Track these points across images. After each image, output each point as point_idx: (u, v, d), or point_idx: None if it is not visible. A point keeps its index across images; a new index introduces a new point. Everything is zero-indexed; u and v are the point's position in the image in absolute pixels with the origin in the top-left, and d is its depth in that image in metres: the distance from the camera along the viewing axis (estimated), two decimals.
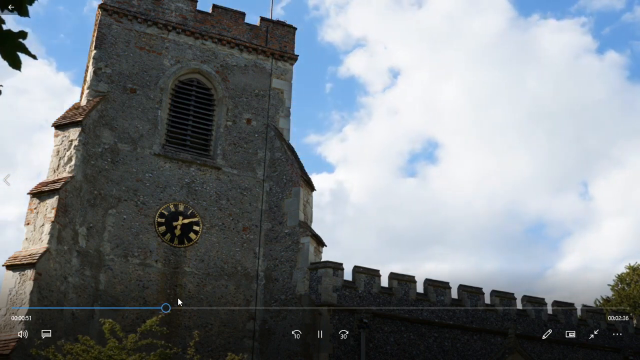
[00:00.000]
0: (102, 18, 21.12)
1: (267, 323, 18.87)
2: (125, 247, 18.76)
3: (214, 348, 18.34)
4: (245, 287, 19.53)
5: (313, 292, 18.43)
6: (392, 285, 19.20)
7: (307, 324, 17.90)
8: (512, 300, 20.49)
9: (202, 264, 19.41)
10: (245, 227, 20.21)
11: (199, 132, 21.36)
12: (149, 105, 20.65)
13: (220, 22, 22.48)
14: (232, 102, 21.70)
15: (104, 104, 19.92)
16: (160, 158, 20.15)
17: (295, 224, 19.63)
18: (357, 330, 17.99)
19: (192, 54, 21.84)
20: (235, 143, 21.22)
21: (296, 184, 20.26)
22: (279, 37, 23.08)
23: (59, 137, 18.91)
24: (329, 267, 18.63)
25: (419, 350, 18.54)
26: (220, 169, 20.68)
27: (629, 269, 33.40)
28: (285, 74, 22.77)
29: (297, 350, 17.71)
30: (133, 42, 21.18)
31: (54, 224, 16.97)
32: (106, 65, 20.56)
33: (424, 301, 19.29)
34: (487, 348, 19.28)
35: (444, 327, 19.12)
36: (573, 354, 20.37)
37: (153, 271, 18.82)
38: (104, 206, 18.87)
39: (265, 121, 21.77)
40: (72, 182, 17.97)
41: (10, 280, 16.19)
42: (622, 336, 21.47)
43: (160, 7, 21.87)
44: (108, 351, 13.51)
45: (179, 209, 19.73)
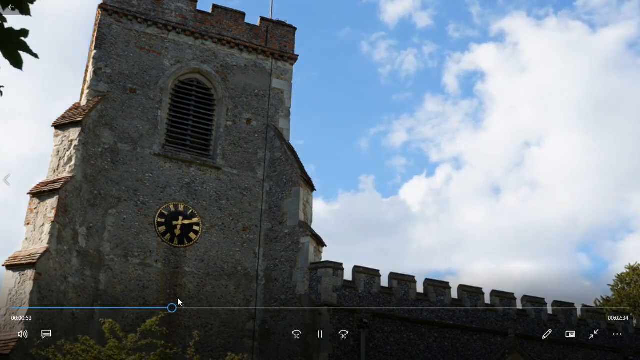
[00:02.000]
0: (102, 18, 21.10)
1: (267, 323, 18.86)
2: (125, 247, 18.75)
3: (214, 348, 18.33)
4: (245, 287, 19.52)
5: (313, 292, 18.42)
6: (392, 285, 19.19)
7: (307, 324, 17.88)
8: (512, 300, 20.48)
9: (202, 264, 19.40)
10: (245, 227, 20.20)
11: (199, 132, 21.35)
12: (149, 105, 20.64)
13: (220, 22, 22.47)
14: (232, 102, 21.69)
15: (104, 104, 19.91)
16: (160, 158, 20.14)
17: (295, 224, 19.62)
18: (357, 330, 17.98)
19: (192, 54, 21.83)
20: (235, 143, 21.20)
21: (296, 184, 20.25)
22: (279, 37, 23.08)
23: (59, 137, 18.89)
24: (329, 267, 18.62)
25: (419, 350, 18.53)
26: (220, 169, 20.67)
27: (629, 269, 33.32)
28: (285, 74, 22.76)
29: (297, 350, 17.70)
30: (133, 42, 21.17)
31: (54, 224, 16.96)
32: (106, 65, 20.55)
33: (424, 301, 19.27)
34: (487, 348, 19.27)
35: (444, 327, 19.10)
36: (573, 354, 20.35)
37: (153, 271, 18.81)
38: (104, 206, 18.86)
39: (265, 121, 21.76)
40: (72, 182, 17.95)
41: (10, 280, 16.17)
42: (622, 336, 21.45)
43: (160, 7, 21.86)
44: (108, 351, 13.50)
45: (179, 209, 19.72)
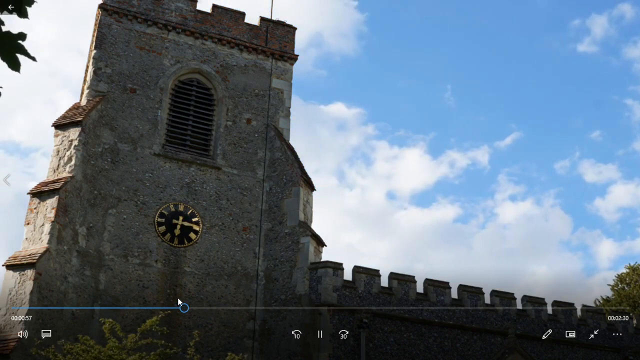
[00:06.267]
0: (102, 18, 21.11)
1: (267, 323, 18.87)
2: (125, 247, 18.76)
3: (214, 348, 18.34)
4: (245, 287, 19.53)
5: (313, 292, 18.43)
6: (392, 285, 19.19)
7: (307, 324, 17.89)
8: (512, 300, 20.47)
9: (202, 264, 19.41)
10: (245, 227, 20.21)
11: (199, 132, 21.35)
12: (149, 105, 20.64)
13: (220, 22, 22.47)
14: (232, 102, 21.69)
15: (104, 104, 19.91)
16: (160, 158, 20.14)
17: (295, 224, 19.62)
18: (357, 330, 17.99)
19: (192, 54, 21.83)
20: (235, 143, 21.21)
21: (296, 184, 20.25)
22: (279, 37, 23.08)
23: (59, 137, 18.90)
24: (329, 267, 18.62)
25: (419, 350, 18.54)
26: (220, 169, 20.67)
27: (629, 269, 33.28)
28: (285, 74, 22.76)
29: (297, 350, 17.71)
30: (133, 42, 21.18)
31: (54, 224, 16.97)
32: (106, 65, 20.55)
33: (424, 301, 19.28)
34: (487, 348, 19.27)
35: (444, 327, 19.11)
36: (573, 354, 20.36)
37: (153, 271, 18.82)
38: (104, 206, 18.87)
39: (265, 121, 21.76)
40: (72, 182, 17.96)
41: (10, 280, 16.19)
42: (622, 336, 21.45)
43: (160, 7, 21.86)
44: (108, 351, 13.52)
45: (179, 208, 19.73)
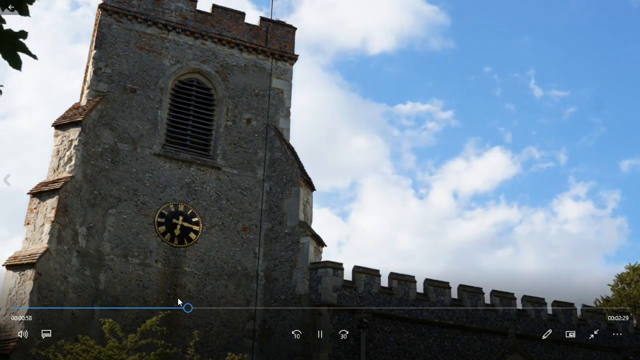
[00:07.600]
0: (102, 18, 21.10)
1: (267, 323, 18.86)
2: (125, 247, 18.75)
3: (214, 348, 18.33)
4: (245, 287, 19.52)
5: (313, 292, 18.42)
6: (392, 285, 19.18)
7: (307, 324, 17.89)
8: (512, 300, 20.47)
9: (202, 264, 19.40)
10: (245, 227, 20.20)
11: (199, 132, 21.35)
12: (149, 105, 20.64)
13: (220, 22, 22.47)
14: (232, 102, 21.69)
15: (104, 104, 19.91)
16: (160, 158, 20.14)
17: (295, 224, 19.61)
18: (357, 330, 17.98)
19: (192, 54, 21.82)
20: (235, 143, 21.20)
21: (296, 184, 20.25)
22: (279, 37, 23.07)
23: (58, 137, 18.90)
24: (329, 267, 18.61)
25: (419, 350, 18.53)
26: (220, 169, 20.67)
27: (629, 269, 33.29)
28: (285, 74, 22.76)
29: (297, 350, 17.70)
30: (133, 42, 21.17)
31: (54, 224, 16.96)
32: (106, 65, 20.55)
33: (424, 301, 19.27)
34: (487, 348, 19.27)
35: (444, 327, 19.10)
36: (573, 354, 20.36)
37: (153, 271, 18.82)
38: (104, 206, 18.86)
39: (265, 121, 21.76)
40: (72, 182, 17.95)
41: (10, 280, 16.18)
42: (622, 336, 21.44)
43: (160, 7, 21.85)
44: (108, 351, 13.52)
45: (179, 208, 19.72)
